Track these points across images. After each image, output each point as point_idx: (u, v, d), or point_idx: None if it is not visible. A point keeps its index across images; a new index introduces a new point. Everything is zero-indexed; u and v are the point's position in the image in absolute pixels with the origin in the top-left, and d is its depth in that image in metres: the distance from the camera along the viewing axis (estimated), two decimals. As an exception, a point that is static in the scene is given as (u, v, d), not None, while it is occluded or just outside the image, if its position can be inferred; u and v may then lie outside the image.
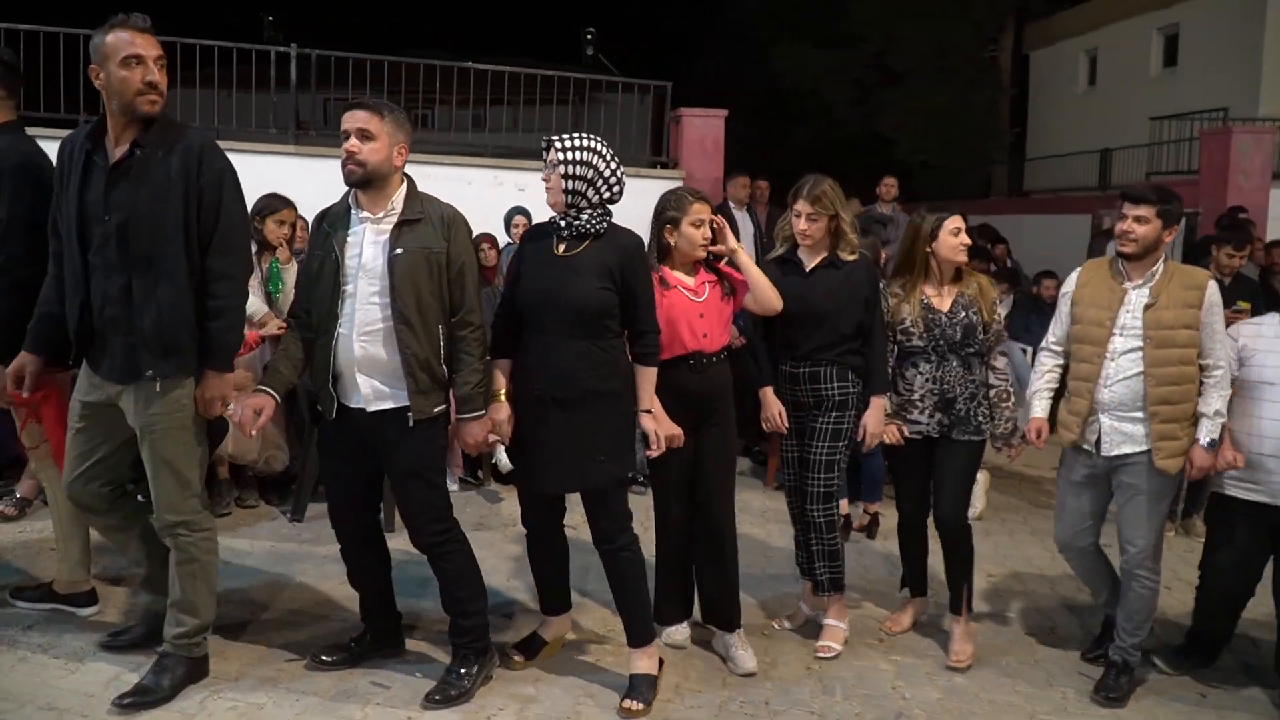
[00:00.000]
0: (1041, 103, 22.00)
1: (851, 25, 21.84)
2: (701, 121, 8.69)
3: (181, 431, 3.09)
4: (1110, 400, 3.48)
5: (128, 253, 2.98)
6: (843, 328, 3.67)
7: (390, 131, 3.09)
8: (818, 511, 3.75)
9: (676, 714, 3.24)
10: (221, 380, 3.12)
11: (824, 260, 3.70)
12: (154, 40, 3.03)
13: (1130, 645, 3.55)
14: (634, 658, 3.34)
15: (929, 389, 3.74)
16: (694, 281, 3.50)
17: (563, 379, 3.16)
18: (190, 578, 3.19)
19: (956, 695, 3.48)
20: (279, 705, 3.16)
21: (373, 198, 3.13)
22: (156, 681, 3.13)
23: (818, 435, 3.71)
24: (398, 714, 3.15)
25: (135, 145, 3.01)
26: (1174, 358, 3.40)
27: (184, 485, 3.13)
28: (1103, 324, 3.51)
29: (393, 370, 3.10)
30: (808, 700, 3.38)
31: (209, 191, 3.04)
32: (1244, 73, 15.46)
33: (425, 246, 3.09)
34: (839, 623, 3.83)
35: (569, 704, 3.27)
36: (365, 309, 3.08)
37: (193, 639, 3.21)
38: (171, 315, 3.00)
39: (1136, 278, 3.50)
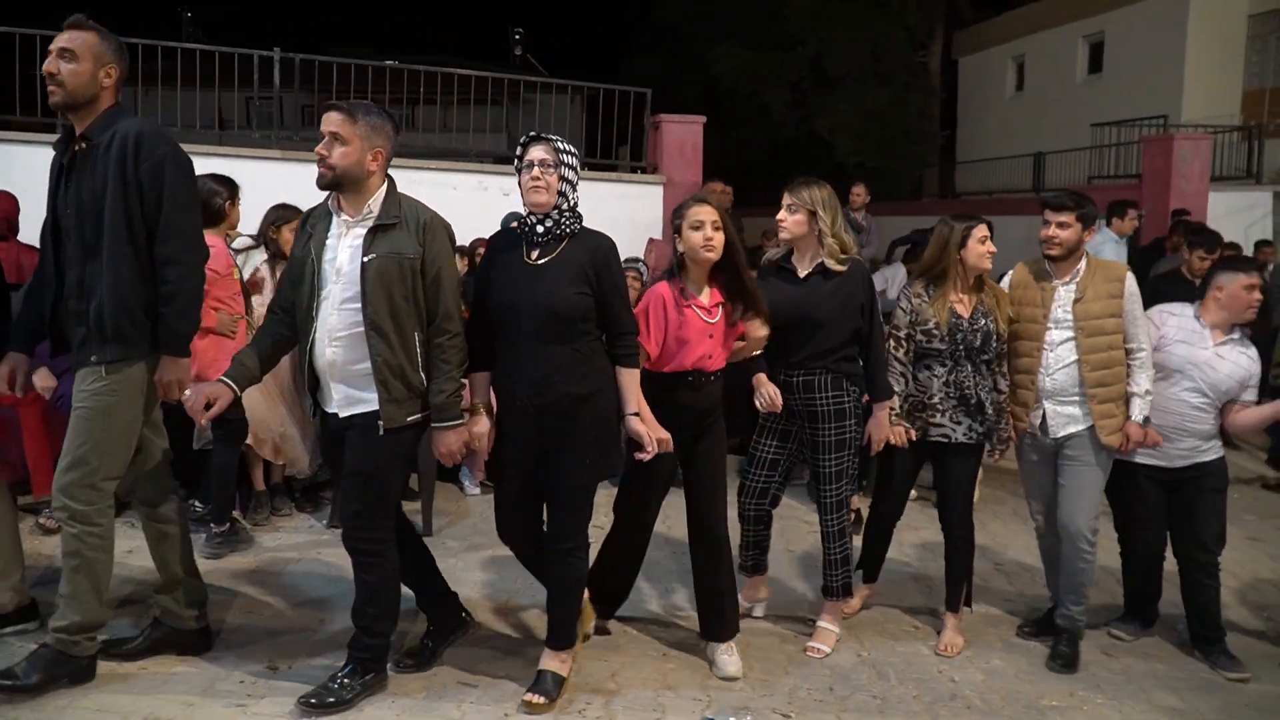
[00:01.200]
0: (970, 107, 22.70)
1: (787, 29, 22.25)
2: (681, 128, 8.85)
3: (109, 415, 3.06)
4: (1052, 387, 3.81)
5: (81, 245, 3.04)
6: (837, 335, 3.68)
7: (364, 135, 3.05)
8: (833, 521, 3.81)
9: (753, 702, 3.38)
10: (176, 364, 3.12)
11: (816, 267, 3.70)
12: (66, 32, 3.09)
13: (1076, 612, 3.88)
14: (549, 657, 3.33)
15: (946, 392, 3.82)
16: (708, 299, 3.49)
17: (542, 386, 3.14)
18: (74, 571, 3.11)
19: (998, 676, 3.70)
20: (377, 708, 3.21)
21: (350, 200, 3.10)
22: (25, 669, 3.08)
23: (824, 448, 3.74)
24: (493, 711, 3.23)
25: (82, 139, 3.08)
26: (1104, 344, 3.77)
27: (86, 470, 3.06)
28: (1037, 320, 3.84)
29: (363, 377, 3.06)
30: (867, 685, 3.56)
31: (149, 179, 3.02)
32: (1167, 80, 16.20)
33: (398, 252, 3.04)
34: (833, 626, 3.88)
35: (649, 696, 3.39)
36: (337, 314, 3.05)
37: (71, 635, 3.13)
38: (112, 302, 3.00)
39: (1063, 275, 3.84)
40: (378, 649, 3.27)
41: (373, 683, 3.25)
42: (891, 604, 4.33)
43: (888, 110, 21.78)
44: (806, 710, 3.36)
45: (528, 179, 3.16)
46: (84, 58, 3.06)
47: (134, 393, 3.10)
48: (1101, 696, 3.59)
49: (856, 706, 3.41)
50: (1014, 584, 4.66)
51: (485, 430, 3.23)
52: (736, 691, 3.45)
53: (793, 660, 3.73)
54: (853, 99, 21.85)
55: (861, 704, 3.43)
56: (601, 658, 3.64)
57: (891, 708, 3.41)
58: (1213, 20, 15.94)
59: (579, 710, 3.27)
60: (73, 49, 3.07)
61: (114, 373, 3.06)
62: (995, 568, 4.83)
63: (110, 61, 3.12)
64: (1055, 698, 3.57)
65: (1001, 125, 21.00)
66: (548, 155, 3.17)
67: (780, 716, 3.30)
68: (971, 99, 22.64)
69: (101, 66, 3.09)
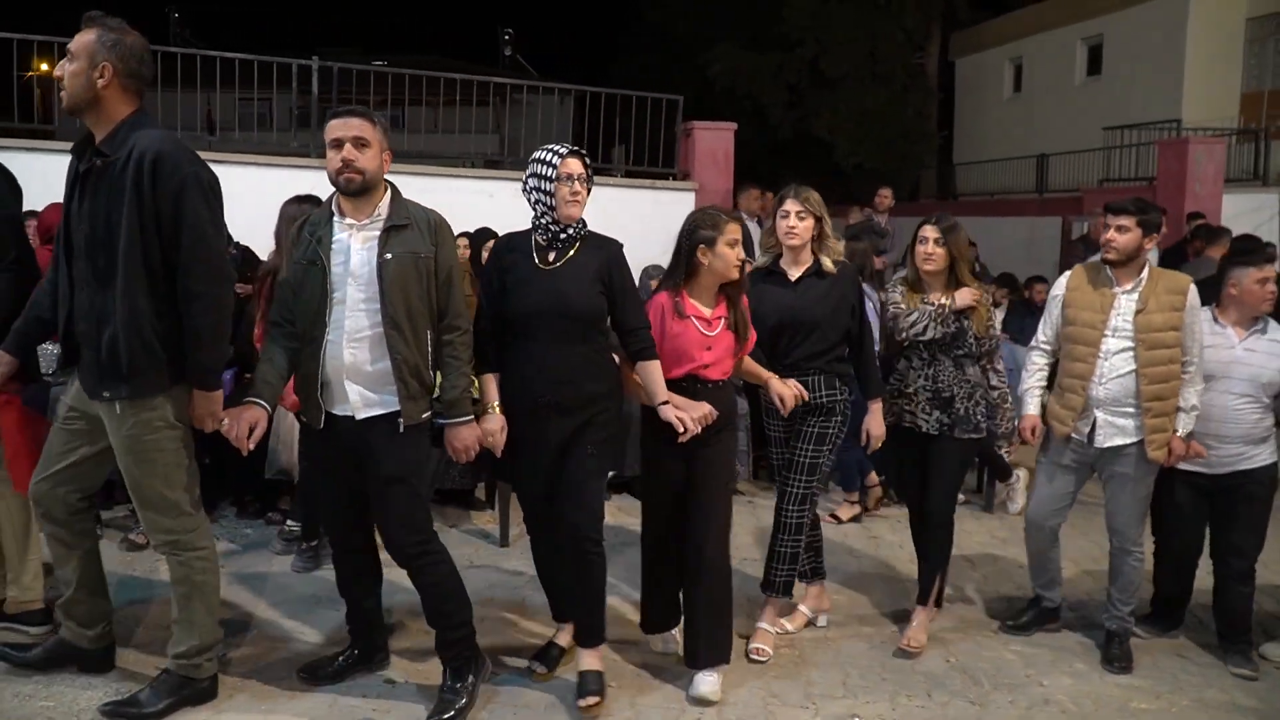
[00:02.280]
0: (967, 108, 22.89)
1: (783, 30, 22.36)
2: (712, 134, 8.93)
3: (154, 453, 3.00)
4: (1105, 396, 3.80)
5: (91, 268, 2.92)
6: (831, 336, 3.77)
7: (380, 138, 3.10)
8: (793, 512, 3.81)
9: (859, 709, 3.45)
10: (207, 399, 3.05)
11: (809, 270, 3.78)
12: (77, 37, 2.98)
13: (1126, 613, 3.96)
14: (585, 656, 3.38)
15: (922, 385, 3.93)
16: (710, 314, 3.48)
17: (563, 384, 3.21)
18: (184, 598, 3.13)
19: (1084, 680, 3.78)
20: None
21: (358, 205, 3.10)
22: (149, 696, 3.10)
23: (803, 438, 3.80)
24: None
25: (96, 153, 2.94)
26: (1163, 358, 3.75)
27: (166, 505, 3.06)
28: (1095, 326, 3.83)
29: (382, 376, 3.08)
30: (962, 691, 3.63)
31: (167, 205, 2.87)
32: (1167, 83, 16.41)
33: (413, 251, 3.08)
34: (771, 626, 3.91)
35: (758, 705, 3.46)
36: (355, 315, 3.06)
37: (191, 660, 3.15)
38: (127, 337, 2.88)
39: (1125, 283, 3.83)
40: (466, 639, 3.31)
41: (481, 671, 3.32)
42: (970, 608, 4.42)
43: (885, 111, 21.93)
44: (911, 716, 3.44)
45: (568, 191, 3.23)
46: (78, 57, 2.93)
47: (165, 421, 3.02)
48: (1186, 699, 3.67)
49: (957, 713, 3.48)
50: (1077, 589, 4.74)
51: (498, 427, 3.27)
52: (838, 699, 3.52)
53: (886, 667, 3.80)
54: (850, 100, 21.98)
55: (961, 710, 3.50)
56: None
57: (990, 714, 3.48)
58: (1212, 23, 16.17)
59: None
60: (71, 49, 2.97)
61: (132, 409, 2.96)
62: (1083, 573, 4.89)
63: (104, 60, 2.92)
64: (1143, 700, 3.65)
65: (999, 126, 21.20)
66: (583, 169, 3.27)
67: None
68: (968, 100, 22.84)
69: (95, 66, 2.92)
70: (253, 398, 3.09)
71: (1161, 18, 16.65)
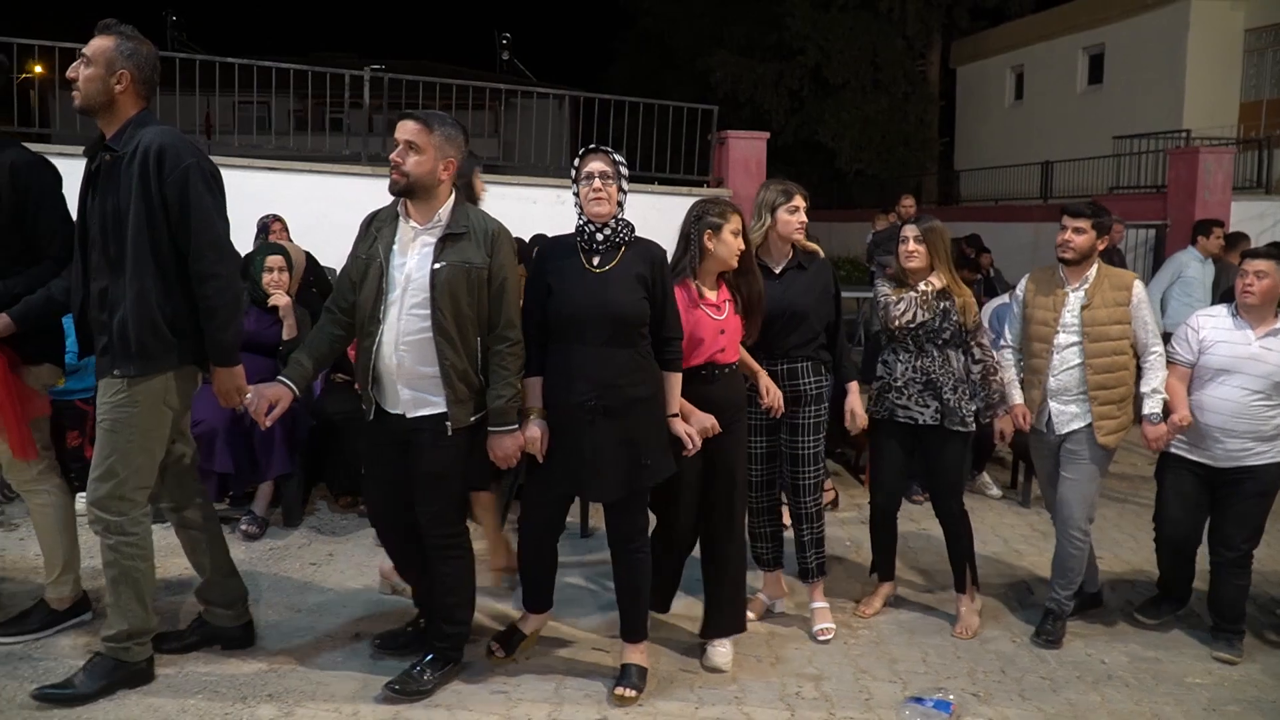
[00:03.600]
0: (968, 116, 23.24)
1: (784, 37, 22.66)
2: (745, 143, 9.21)
3: (129, 428, 3.10)
4: (1056, 387, 4.08)
5: (104, 257, 3.07)
6: (816, 324, 3.93)
7: (439, 144, 3.14)
8: (810, 502, 4.01)
9: (944, 683, 3.69)
10: (230, 374, 3.20)
11: (791, 261, 3.94)
12: (94, 42, 3.12)
13: (1064, 596, 4.16)
14: (629, 651, 3.49)
15: (911, 377, 4.05)
16: (716, 297, 3.62)
17: (608, 388, 3.25)
18: (113, 582, 3.19)
19: (1140, 659, 4.03)
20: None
21: (420, 208, 3.19)
22: (83, 680, 3.17)
23: (803, 430, 3.95)
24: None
25: (105, 149, 3.11)
26: (1108, 349, 4.01)
27: (116, 484, 3.11)
28: (1048, 323, 4.10)
29: (431, 379, 3.16)
30: (1031, 668, 3.87)
31: (173, 194, 3.02)
32: (1168, 92, 16.78)
33: (466, 261, 3.14)
34: (824, 603, 4.13)
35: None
36: (406, 319, 3.13)
37: (121, 644, 3.21)
38: (136, 319, 3.03)
39: (1074, 281, 4.09)
40: (458, 638, 3.43)
41: (451, 672, 3.43)
42: (1028, 595, 4.68)
43: (887, 118, 22.31)
44: (991, 689, 3.68)
45: (588, 190, 3.29)
46: (96, 63, 3.08)
47: (155, 403, 3.13)
48: (1236, 673, 3.94)
49: (1032, 686, 3.73)
50: (1129, 582, 5.02)
51: (539, 434, 3.30)
52: (922, 674, 3.77)
53: (960, 647, 4.04)
54: (852, 107, 22.33)
55: (1035, 685, 3.75)
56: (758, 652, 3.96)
57: (1061, 687, 3.73)
58: (1212, 34, 16.54)
59: (794, 692, 3.58)
60: (88, 54, 3.10)
61: (135, 385, 3.09)
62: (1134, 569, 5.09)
63: (122, 67, 3.10)
64: (1197, 675, 3.91)
65: (1000, 134, 21.55)
66: (607, 167, 3.30)
67: (972, 695, 3.63)
68: (969, 108, 23.19)
69: (113, 73, 3.08)
70: (282, 378, 3.23)
71: (1162, 28, 17.03)
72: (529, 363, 3.35)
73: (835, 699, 3.54)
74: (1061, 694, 3.68)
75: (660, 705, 3.42)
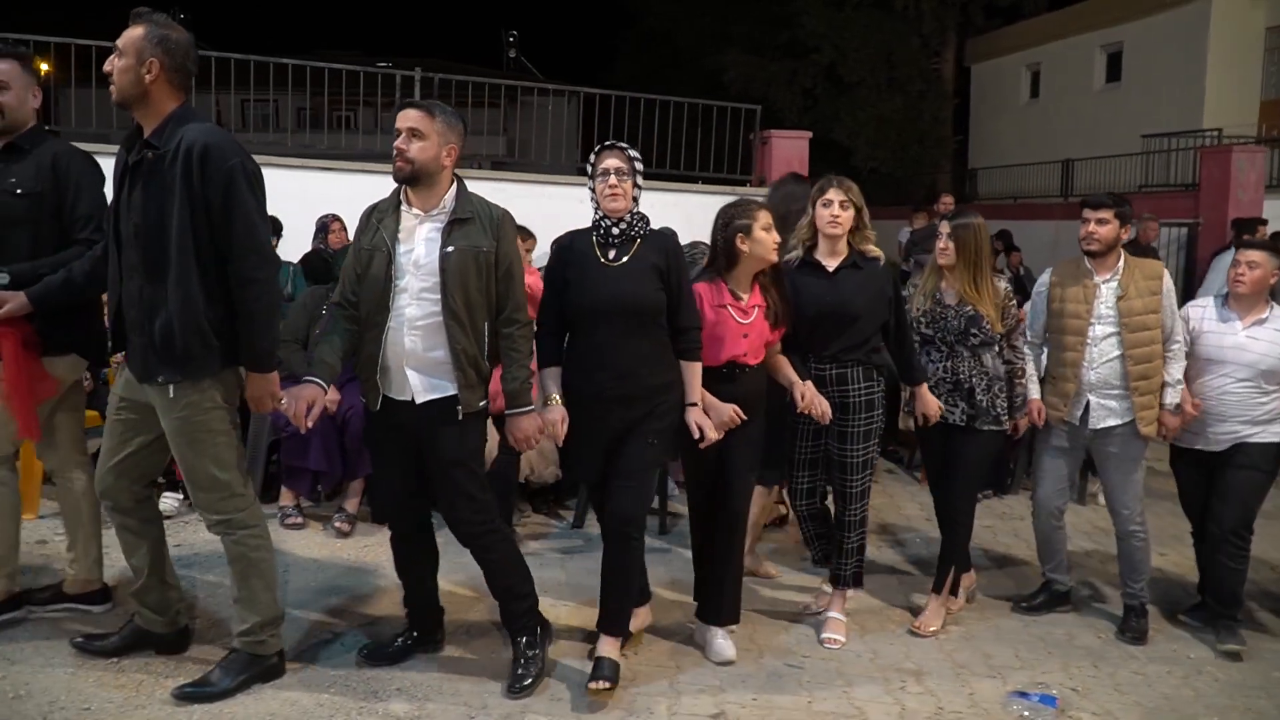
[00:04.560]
0: (983, 114, 23.31)
1: (799, 36, 22.71)
2: (788, 142, 9.29)
3: (205, 434, 3.10)
4: (1096, 380, 4.06)
5: (143, 256, 3.01)
6: (869, 327, 3.82)
7: (441, 131, 3.16)
8: (856, 510, 3.94)
9: (1041, 677, 3.75)
10: (264, 380, 3.14)
11: (846, 260, 3.83)
12: (125, 33, 3.05)
13: (1139, 589, 4.19)
14: (605, 643, 3.45)
15: (942, 377, 4.04)
16: (747, 301, 3.63)
17: (626, 377, 3.32)
18: (243, 575, 3.22)
19: (1224, 653, 4.13)
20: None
21: (423, 195, 3.20)
22: (220, 676, 3.20)
23: (852, 438, 3.87)
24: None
25: (146, 145, 3.03)
26: (1145, 339, 4.03)
27: (217, 486, 3.14)
28: (1081, 315, 4.08)
29: (441, 364, 3.17)
30: (1123, 662, 3.93)
31: (216, 195, 2.97)
32: (1187, 90, 16.84)
33: (474, 245, 3.16)
34: (842, 615, 4.03)
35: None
36: (417, 304, 3.15)
37: (256, 636, 3.24)
38: (181, 323, 2.98)
39: (1104, 273, 4.09)
40: (531, 609, 3.46)
41: (548, 638, 3.50)
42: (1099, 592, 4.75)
43: (902, 116, 22.34)
44: (1088, 684, 3.74)
45: (604, 186, 3.36)
46: (126, 53, 3.02)
47: (214, 401, 3.11)
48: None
49: (1127, 681, 3.79)
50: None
51: (559, 417, 3.35)
52: (1018, 669, 3.82)
53: (1047, 641, 4.11)
54: (867, 105, 22.37)
55: (1129, 679, 3.80)
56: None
57: (1155, 682, 3.79)
58: (1232, 32, 16.60)
59: (899, 686, 3.65)
60: (120, 45, 3.04)
61: (186, 392, 3.06)
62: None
63: (151, 55, 3.01)
64: None
65: (1015, 132, 21.62)
66: (622, 163, 3.36)
67: (1071, 690, 3.68)
68: (984, 105, 23.26)
69: (142, 62, 3.01)
70: (310, 377, 3.21)
71: (1182, 26, 17.10)
72: (548, 353, 3.44)
73: (939, 693, 3.60)
74: (1156, 688, 3.75)
75: (774, 699, 3.47)
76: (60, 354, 3.52)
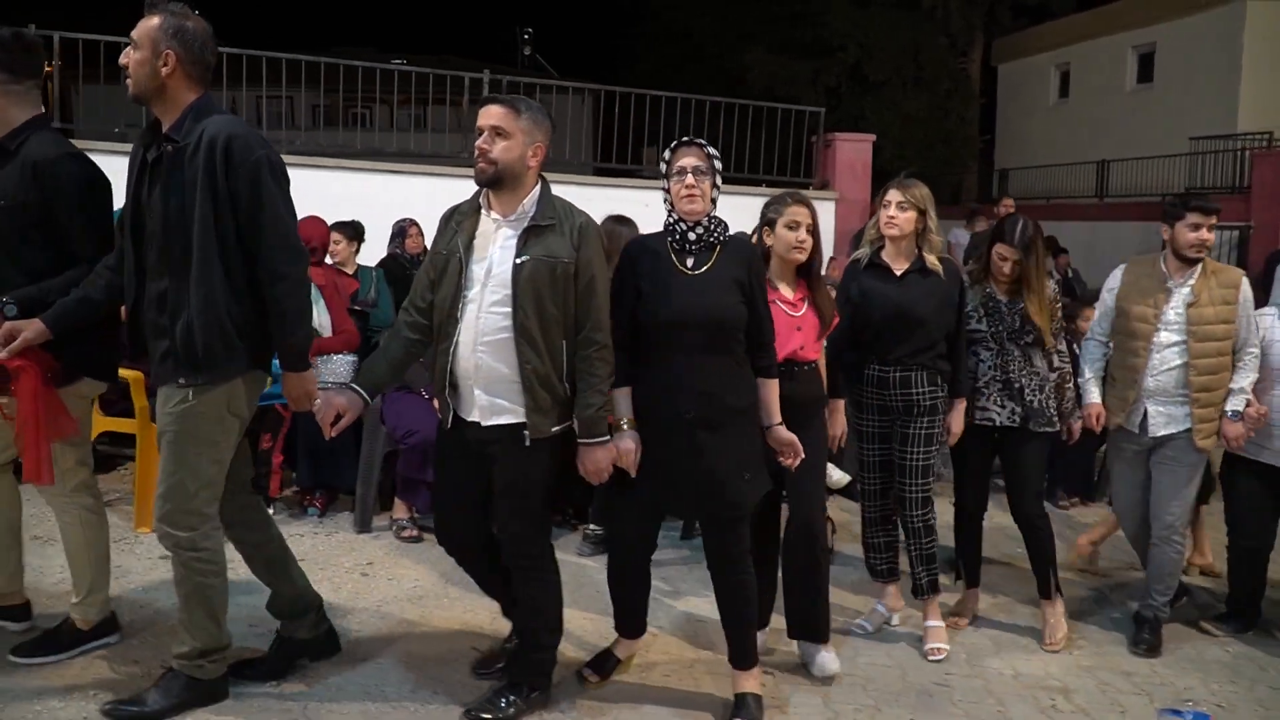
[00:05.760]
0: (1009, 114, 23.27)
1: (822, 34, 22.70)
2: (852, 145, 9.27)
3: (191, 443, 2.89)
4: (1155, 387, 3.95)
5: (165, 257, 2.85)
6: (934, 332, 3.76)
7: (527, 129, 2.93)
8: (917, 517, 3.88)
9: (1188, 695, 3.74)
10: (300, 379, 3.01)
11: (913, 265, 3.77)
12: (140, 24, 2.89)
13: (1161, 603, 4.10)
14: (740, 679, 3.26)
15: (992, 376, 3.94)
16: (793, 295, 3.52)
17: (707, 398, 3.06)
18: (185, 599, 3.01)
19: None
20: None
21: (503, 199, 2.97)
22: (155, 696, 3.02)
23: (913, 441, 3.82)
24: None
25: (166, 139, 2.87)
26: (1213, 350, 3.90)
27: (184, 497, 2.91)
28: (1148, 320, 3.96)
29: (510, 384, 2.94)
30: (1258, 676, 3.93)
31: (243, 188, 2.81)
32: (1222, 91, 16.80)
33: (552, 255, 2.92)
34: (939, 622, 3.97)
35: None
36: (486, 317, 2.93)
37: (193, 661, 3.03)
38: (205, 325, 2.82)
39: (1179, 277, 3.95)
40: (543, 663, 3.23)
41: (537, 701, 3.20)
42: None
43: (928, 116, 22.34)
44: (1231, 699, 3.73)
45: (681, 187, 3.11)
46: (142, 45, 2.86)
47: (221, 411, 2.92)
48: None
49: (1267, 697, 3.77)
50: None
51: (633, 447, 3.07)
52: (1160, 685, 3.79)
53: (1178, 655, 4.07)
54: (892, 105, 22.37)
55: (1268, 696, 3.79)
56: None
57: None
58: (1267, 34, 16.53)
59: (1050, 704, 3.62)
60: (135, 36, 2.88)
61: (201, 394, 2.88)
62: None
63: (167, 47, 2.86)
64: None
65: (1043, 132, 21.58)
66: (700, 161, 3.11)
67: (1217, 707, 3.67)
68: (1011, 105, 23.23)
69: (158, 54, 2.85)
70: (354, 385, 3.04)
71: (1217, 28, 17.05)
72: (618, 373, 3.11)
73: (1091, 710, 3.59)
74: (1273, 711, 3.70)
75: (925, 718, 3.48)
76: (70, 383, 3.23)
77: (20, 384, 3.04)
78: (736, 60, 23.92)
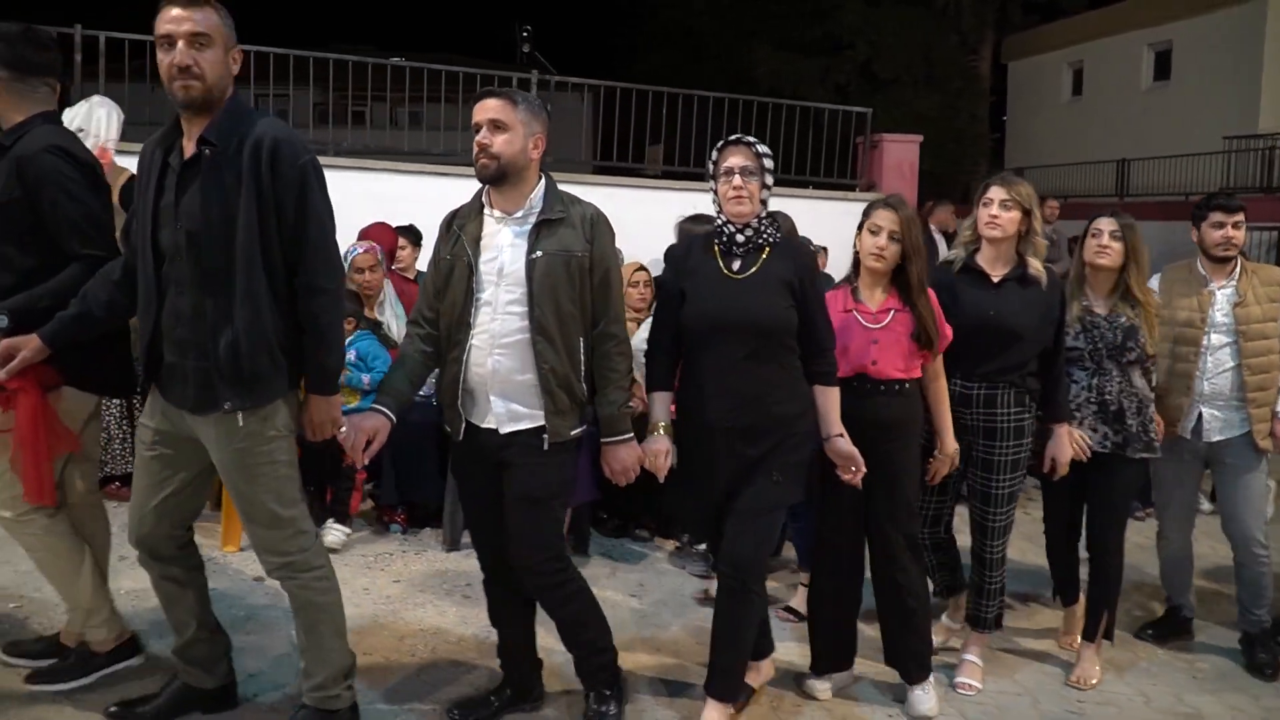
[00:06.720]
0: (1020, 112, 23.16)
1: (831, 31, 22.54)
2: (899, 146, 9.11)
3: (267, 466, 2.71)
4: (1210, 391, 3.85)
5: (199, 268, 2.59)
6: (1030, 349, 3.44)
7: (525, 120, 2.78)
8: (997, 547, 3.57)
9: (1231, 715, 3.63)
10: (328, 403, 2.77)
11: (1012, 272, 3.44)
12: (192, 15, 2.53)
13: (1262, 615, 3.93)
14: (710, 709, 3.04)
15: (1086, 398, 3.66)
16: (876, 306, 3.28)
17: (749, 405, 2.92)
18: (310, 624, 2.83)
19: None
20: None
21: (507, 195, 2.83)
22: None
23: (998, 468, 3.48)
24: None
25: (203, 142, 2.58)
26: (1263, 348, 3.82)
27: (280, 524, 2.75)
28: (1195, 324, 3.86)
29: (528, 388, 2.81)
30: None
31: (288, 195, 2.59)
32: (1242, 91, 16.70)
33: (566, 249, 2.79)
34: (979, 660, 3.68)
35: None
36: (502, 319, 2.79)
37: (328, 690, 2.85)
38: (250, 341, 2.60)
39: (1219, 278, 3.86)
40: (608, 664, 3.12)
41: (624, 696, 3.17)
42: None
43: (938, 114, 22.18)
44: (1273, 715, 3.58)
45: (729, 188, 2.97)
46: (215, 41, 2.55)
47: (274, 430, 2.72)
48: None
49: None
50: None
51: (664, 449, 2.97)
52: (1260, 717, 3.61)
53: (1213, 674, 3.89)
54: (902, 103, 22.20)
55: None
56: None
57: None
58: (1289, 32, 16.47)
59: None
60: (207, 31, 2.54)
61: (250, 417, 2.67)
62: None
63: (235, 44, 2.64)
64: None
65: (1054, 130, 21.48)
66: (749, 161, 2.97)
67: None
68: (1021, 103, 23.11)
69: (229, 51, 2.62)
70: (377, 405, 2.86)
71: (1236, 26, 16.95)
72: (658, 376, 3.07)
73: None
74: None
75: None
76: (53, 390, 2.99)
77: (19, 404, 2.87)
78: (739, 59, 23.73)
